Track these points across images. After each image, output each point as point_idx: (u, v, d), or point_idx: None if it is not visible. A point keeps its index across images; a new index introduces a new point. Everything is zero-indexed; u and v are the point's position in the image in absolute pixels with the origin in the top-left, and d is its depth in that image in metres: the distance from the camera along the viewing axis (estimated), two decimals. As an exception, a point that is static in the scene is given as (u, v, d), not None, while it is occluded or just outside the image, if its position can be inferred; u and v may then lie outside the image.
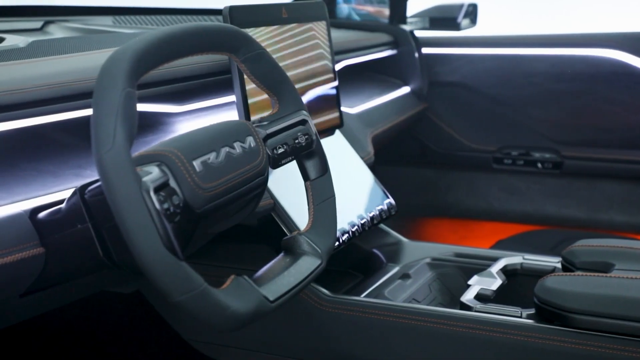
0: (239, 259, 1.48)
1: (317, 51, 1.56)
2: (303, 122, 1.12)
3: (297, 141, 1.10)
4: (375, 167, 2.57)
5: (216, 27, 1.00)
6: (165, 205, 0.83)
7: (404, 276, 1.52)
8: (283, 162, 1.08)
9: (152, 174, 0.85)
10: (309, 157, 1.13)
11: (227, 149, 0.96)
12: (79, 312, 1.62)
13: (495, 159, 2.44)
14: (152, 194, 0.81)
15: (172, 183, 0.87)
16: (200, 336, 1.48)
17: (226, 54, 1.04)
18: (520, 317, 1.27)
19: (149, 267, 0.80)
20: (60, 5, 1.97)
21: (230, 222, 1.06)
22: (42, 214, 0.97)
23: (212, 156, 0.93)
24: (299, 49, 1.50)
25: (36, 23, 1.81)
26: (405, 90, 2.36)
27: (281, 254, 1.07)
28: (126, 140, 0.80)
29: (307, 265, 1.03)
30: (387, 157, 2.56)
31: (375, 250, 1.65)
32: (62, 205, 0.95)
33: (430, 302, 1.48)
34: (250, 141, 1.01)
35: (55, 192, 1.02)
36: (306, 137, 1.11)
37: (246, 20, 1.36)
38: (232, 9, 1.33)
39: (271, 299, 0.93)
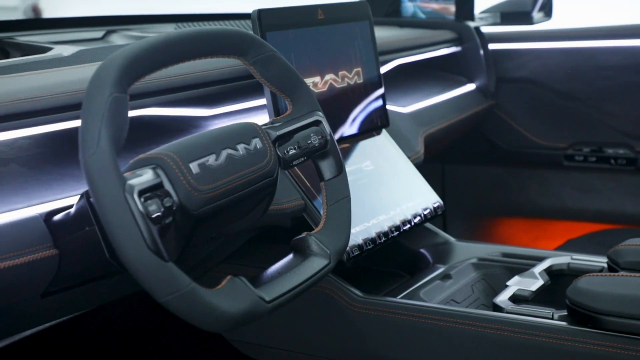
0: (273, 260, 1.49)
1: (359, 53, 1.55)
2: (317, 122, 1.12)
3: (309, 142, 1.10)
4: (444, 166, 2.55)
5: (220, 30, 1.01)
6: (152, 208, 0.84)
7: (445, 277, 1.49)
8: (295, 163, 1.08)
9: (142, 176, 0.87)
10: (323, 157, 1.13)
11: (228, 150, 0.97)
12: (119, 310, 1.67)
13: (567, 156, 2.36)
14: (135, 196, 0.83)
15: (167, 185, 0.89)
16: (242, 336, 1.49)
17: (234, 57, 1.05)
18: (552, 319, 1.23)
19: (133, 268, 0.82)
20: (123, 14, 2.04)
21: (244, 223, 1.07)
22: (55, 217, 1.00)
23: (211, 158, 0.94)
24: (338, 52, 1.49)
25: (98, 33, 1.88)
26: (469, 87, 2.31)
27: (290, 255, 1.07)
28: (110, 144, 0.83)
29: (312, 265, 1.03)
30: (456, 156, 2.52)
31: (422, 251, 1.62)
32: (72, 209, 0.99)
33: (471, 303, 1.44)
34: (257, 143, 1.01)
35: (73, 196, 1.05)
36: (320, 137, 1.11)
37: (276, 24, 1.36)
38: (261, 12, 1.33)
39: (267, 299, 0.93)
